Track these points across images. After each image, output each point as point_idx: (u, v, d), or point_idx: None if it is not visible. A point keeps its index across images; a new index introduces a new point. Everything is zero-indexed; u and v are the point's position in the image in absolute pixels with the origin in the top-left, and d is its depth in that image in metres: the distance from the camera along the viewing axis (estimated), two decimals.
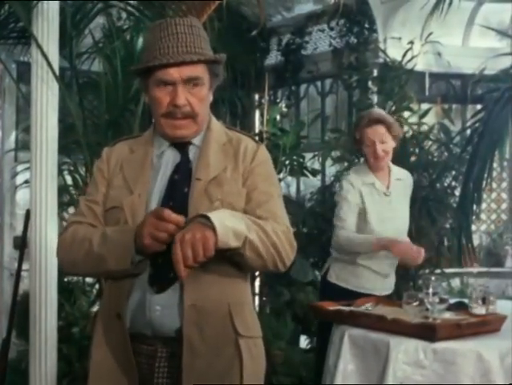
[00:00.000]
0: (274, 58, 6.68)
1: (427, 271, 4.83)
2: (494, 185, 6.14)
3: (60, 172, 3.81)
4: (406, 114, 5.22)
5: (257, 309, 5.07)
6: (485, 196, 5.75)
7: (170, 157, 1.90)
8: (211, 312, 1.78)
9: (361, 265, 3.36)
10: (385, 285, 3.42)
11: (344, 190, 3.37)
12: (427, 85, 6.02)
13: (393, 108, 5.21)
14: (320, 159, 5.54)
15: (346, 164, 5.35)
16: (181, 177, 1.86)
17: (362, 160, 3.57)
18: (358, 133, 3.37)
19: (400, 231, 3.40)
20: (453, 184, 5.27)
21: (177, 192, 1.83)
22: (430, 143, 5.25)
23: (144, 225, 1.69)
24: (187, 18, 1.87)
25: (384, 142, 3.32)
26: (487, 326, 2.82)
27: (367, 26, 5.82)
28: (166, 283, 1.76)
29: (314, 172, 5.33)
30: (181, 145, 1.90)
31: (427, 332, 2.69)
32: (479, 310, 2.91)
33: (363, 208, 3.34)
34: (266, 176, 1.94)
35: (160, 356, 1.79)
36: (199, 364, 1.76)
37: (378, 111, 3.54)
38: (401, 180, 3.45)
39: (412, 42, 5.33)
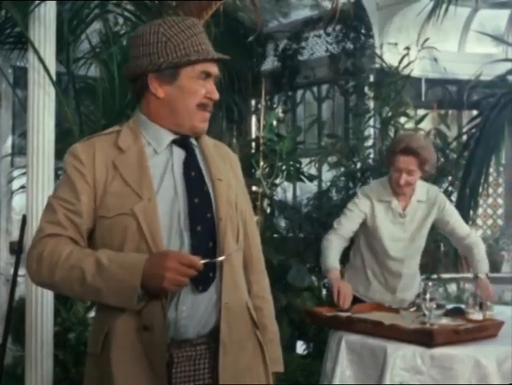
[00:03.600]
0: (270, 63, 6.70)
1: (424, 277, 4.82)
2: (491, 191, 6.15)
3: (57, 177, 3.80)
4: (402, 119, 5.24)
5: None
6: (481, 201, 5.76)
7: (174, 154, 1.86)
8: (236, 309, 1.83)
9: (370, 276, 3.38)
10: (395, 300, 3.33)
11: (356, 199, 3.35)
12: (423, 91, 6.04)
13: (389, 114, 5.22)
14: (317, 164, 5.56)
15: (342, 169, 5.36)
16: (197, 175, 1.85)
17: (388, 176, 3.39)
18: (391, 154, 3.23)
19: (411, 253, 3.36)
20: (450, 189, 5.28)
21: (199, 190, 1.83)
22: None
23: (166, 269, 1.65)
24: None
25: (412, 175, 3.18)
26: (484, 331, 2.82)
27: (363, 31, 5.84)
28: (208, 282, 1.79)
29: (310, 178, 5.33)
30: (184, 142, 1.88)
31: (424, 338, 2.68)
32: (476, 315, 2.91)
33: (373, 224, 3.30)
34: (244, 186, 2.06)
35: (176, 361, 1.78)
36: (229, 361, 1.80)
37: (419, 140, 3.26)
38: (423, 202, 3.31)
39: (408, 48, 5.34)
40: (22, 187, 4.19)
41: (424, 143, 3.25)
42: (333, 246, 3.27)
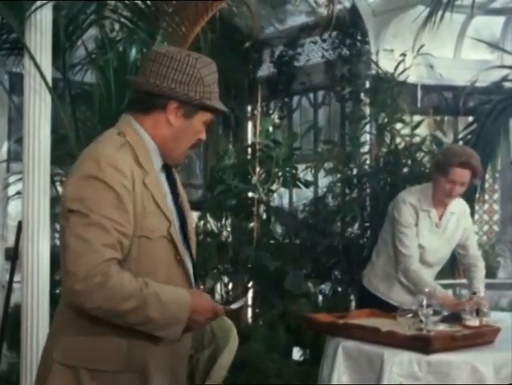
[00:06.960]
0: (266, 69, 6.69)
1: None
2: (486, 197, 6.15)
3: (52, 183, 3.79)
4: (398, 126, 5.24)
5: (250, 320, 5.05)
6: (477, 207, 5.76)
7: (163, 178, 1.93)
8: None
9: (394, 276, 3.44)
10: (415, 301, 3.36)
11: (403, 212, 3.37)
12: (419, 97, 6.04)
13: (385, 120, 5.22)
14: (313, 170, 5.55)
15: (338, 175, 5.36)
16: (181, 202, 1.96)
17: (427, 184, 3.51)
18: (446, 166, 3.28)
19: (440, 259, 3.52)
20: None
21: (184, 218, 1.94)
22: (422, 154, 5.27)
23: (205, 320, 1.84)
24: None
25: (464, 186, 3.32)
26: (481, 337, 2.82)
27: (359, 38, 5.84)
28: None
29: (307, 184, 5.34)
30: (168, 167, 1.96)
31: (421, 344, 2.68)
32: (473, 321, 2.91)
33: (417, 231, 3.40)
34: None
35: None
36: None
37: (476, 156, 3.37)
38: (454, 214, 3.46)
39: (404, 55, 5.35)
40: (18, 193, 4.18)
41: (478, 158, 3.36)
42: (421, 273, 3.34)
